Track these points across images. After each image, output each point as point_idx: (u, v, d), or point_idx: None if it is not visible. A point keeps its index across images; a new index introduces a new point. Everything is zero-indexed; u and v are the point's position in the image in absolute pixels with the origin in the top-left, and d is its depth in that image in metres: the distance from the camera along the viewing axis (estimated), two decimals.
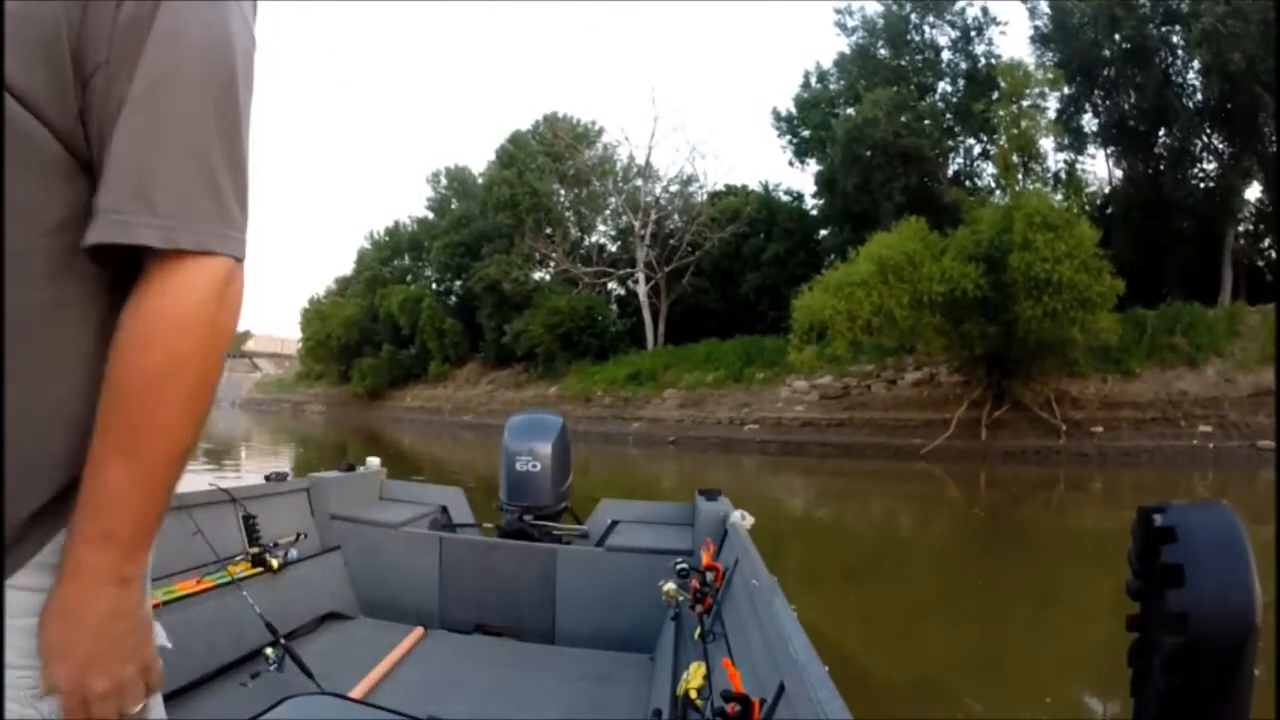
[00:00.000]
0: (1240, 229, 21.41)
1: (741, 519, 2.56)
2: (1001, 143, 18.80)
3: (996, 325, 13.98)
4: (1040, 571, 6.51)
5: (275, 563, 2.65)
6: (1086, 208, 21.11)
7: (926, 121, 20.70)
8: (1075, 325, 13.07)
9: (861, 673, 3.86)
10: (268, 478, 3.11)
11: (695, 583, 2.09)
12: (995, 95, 18.68)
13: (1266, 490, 10.88)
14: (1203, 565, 0.49)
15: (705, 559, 2.29)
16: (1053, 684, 3.93)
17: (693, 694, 1.57)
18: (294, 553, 2.83)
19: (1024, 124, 18.50)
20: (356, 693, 2.20)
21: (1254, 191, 21.17)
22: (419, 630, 2.87)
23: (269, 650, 2.19)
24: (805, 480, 13.76)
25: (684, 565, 2.24)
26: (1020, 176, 19.07)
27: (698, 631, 2.00)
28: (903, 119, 20.15)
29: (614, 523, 3.35)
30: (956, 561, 7.32)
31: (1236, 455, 13.00)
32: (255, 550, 2.64)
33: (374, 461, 3.78)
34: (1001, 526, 9.14)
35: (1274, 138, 18.73)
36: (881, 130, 19.46)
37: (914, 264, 13.52)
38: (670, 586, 2.12)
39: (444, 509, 3.66)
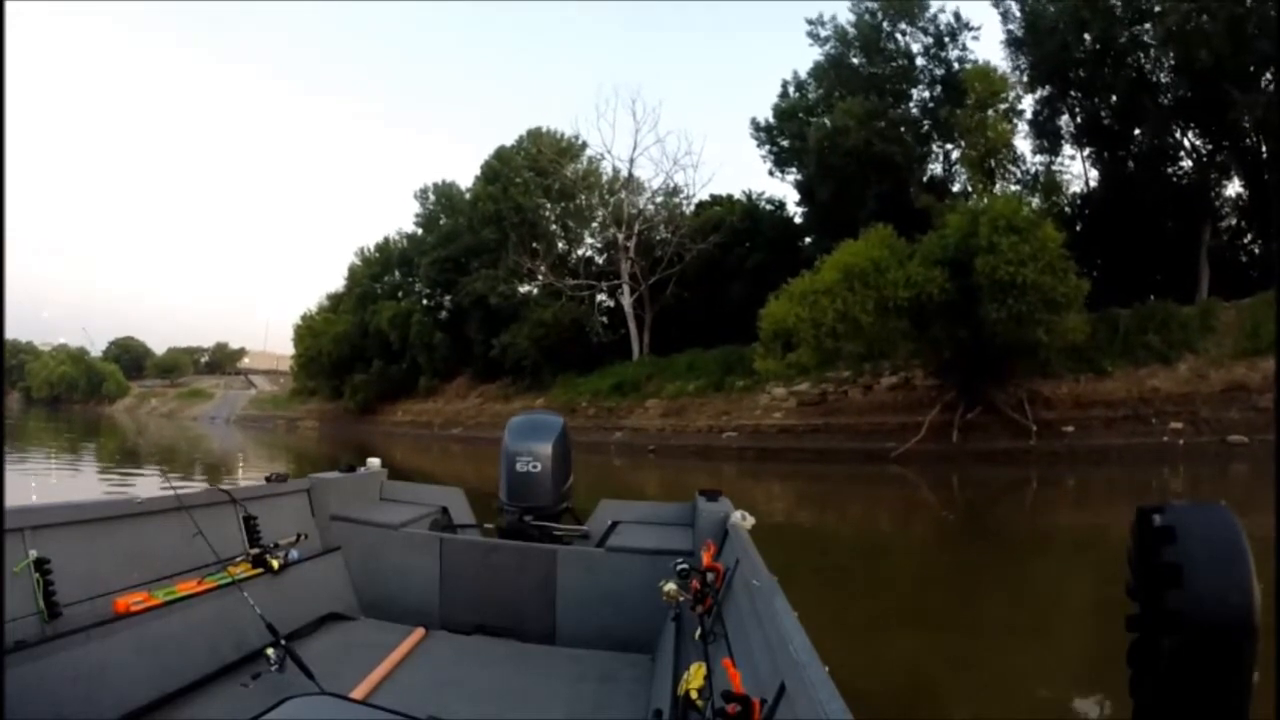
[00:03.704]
0: (1222, 225, 21.47)
1: (742, 519, 2.55)
2: (980, 146, 18.92)
3: (964, 329, 14.03)
4: (1007, 575, 6.51)
5: (276, 563, 2.66)
6: (1067, 209, 21.26)
7: (901, 128, 20.79)
8: (1040, 327, 13.10)
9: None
10: (268, 478, 3.13)
11: (696, 583, 2.09)
12: (971, 100, 18.80)
13: (1238, 484, 10.94)
14: (1201, 566, 0.50)
15: (706, 559, 2.30)
16: (1025, 687, 3.92)
17: (693, 694, 1.57)
18: (295, 553, 2.85)
19: (1001, 127, 18.61)
20: (357, 693, 2.19)
21: (1235, 188, 21.23)
22: (420, 631, 2.85)
23: (270, 651, 2.19)
24: (779, 485, 13.80)
25: (684, 565, 2.20)
26: (997, 180, 19.19)
27: (698, 632, 2.01)
28: (879, 125, 20.27)
29: (614, 523, 3.35)
30: (921, 565, 7.32)
31: (1205, 451, 13.03)
32: (256, 551, 2.66)
33: (374, 462, 3.78)
34: (969, 529, 9.15)
35: (1253, 134, 18.81)
36: (853, 139, 19.59)
37: (880, 270, 13.60)
38: (671, 587, 2.10)
39: (444, 510, 3.67)
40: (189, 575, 2.37)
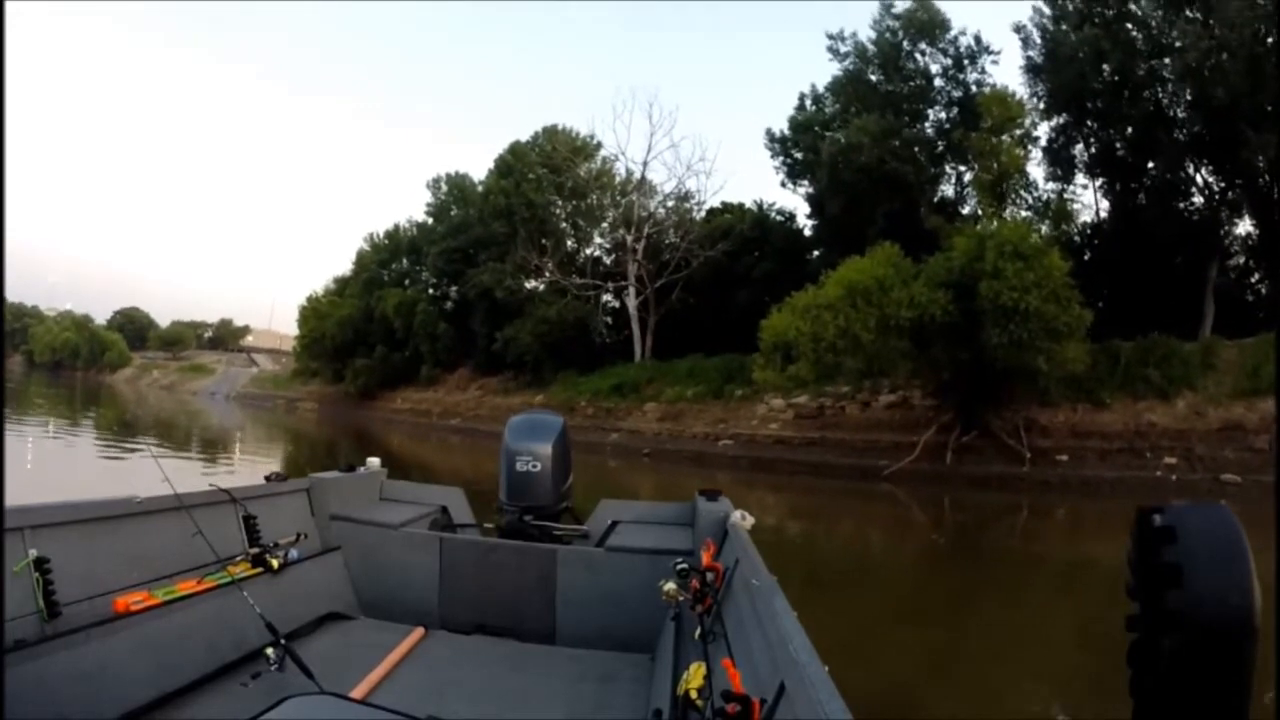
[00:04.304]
0: (1230, 263, 21.46)
1: (741, 519, 2.56)
2: (993, 170, 18.92)
3: (965, 352, 14.05)
4: (996, 597, 6.53)
5: (276, 563, 2.68)
6: (1075, 238, 21.26)
7: (915, 148, 20.81)
8: (1041, 354, 13.11)
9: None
10: (268, 478, 3.15)
11: (695, 583, 2.10)
12: (986, 124, 18.80)
13: None
14: (1202, 566, 0.51)
15: (705, 559, 2.32)
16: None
17: (693, 694, 1.57)
18: (294, 553, 2.88)
19: (1015, 153, 18.61)
20: (357, 693, 2.20)
21: (1245, 227, 21.22)
22: (419, 630, 2.86)
23: (269, 650, 2.20)
24: (772, 496, 13.83)
25: (684, 565, 2.20)
26: (1007, 204, 19.19)
27: (698, 631, 2.02)
28: (893, 144, 20.28)
29: (614, 523, 3.38)
30: (909, 586, 7.36)
31: (1198, 488, 13.00)
32: (256, 550, 2.68)
33: (374, 461, 3.82)
34: (957, 553, 9.18)
35: (1265, 174, 18.79)
36: (866, 155, 19.62)
37: (883, 288, 13.63)
38: (670, 586, 2.10)
39: (444, 509, 3.70)
40: (189, 575, 2.39)
